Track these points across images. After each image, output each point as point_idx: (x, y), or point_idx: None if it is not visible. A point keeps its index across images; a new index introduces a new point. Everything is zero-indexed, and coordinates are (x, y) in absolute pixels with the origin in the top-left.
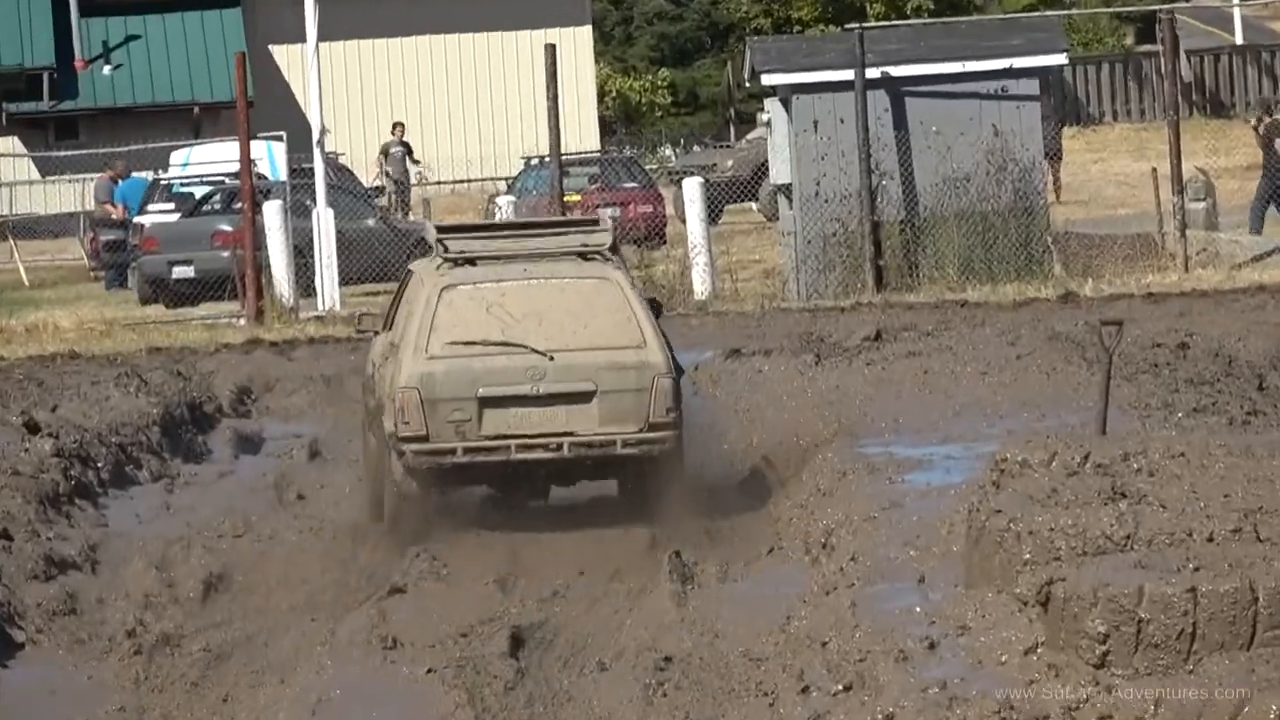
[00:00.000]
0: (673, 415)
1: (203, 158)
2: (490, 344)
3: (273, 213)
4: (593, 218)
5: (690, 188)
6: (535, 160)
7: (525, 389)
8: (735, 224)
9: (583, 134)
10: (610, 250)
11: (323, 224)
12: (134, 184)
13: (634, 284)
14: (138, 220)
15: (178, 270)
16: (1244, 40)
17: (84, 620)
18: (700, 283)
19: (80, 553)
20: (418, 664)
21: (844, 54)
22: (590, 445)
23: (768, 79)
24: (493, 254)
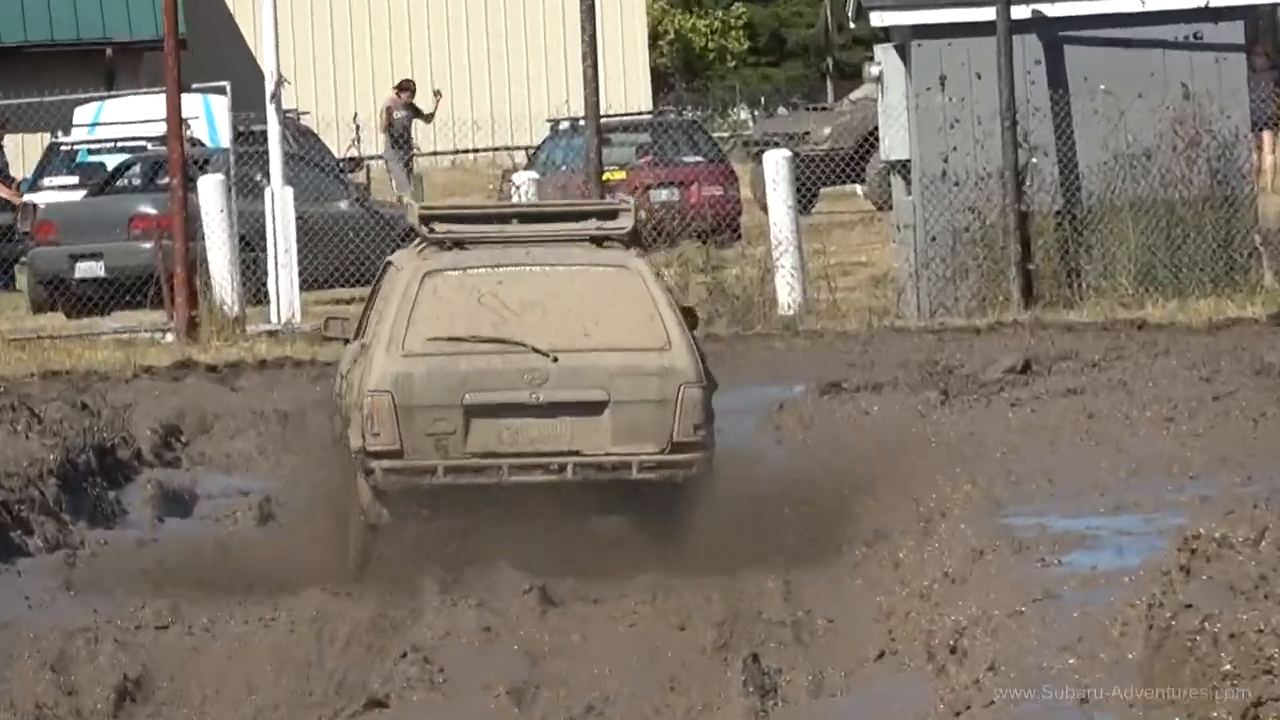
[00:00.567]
0: (702, 434)
1: (117, 115)
2: (481, 340)
3: (211, 191)
4: (610, 203)
5: (774, 164)
6: (565, 125)
7: (522, 396)
8: (834, 213)
9: (629, 90)
10: (630, 237)
11: (279, 207)
12: None
13: (659, 274)
14: (28, 199)
15: (82, 267)
16: None
17: None
18: (787, 292)
19: None
20: None
21: None
22: (600, 467)
23: (879, 18)
24: (486, 237)
